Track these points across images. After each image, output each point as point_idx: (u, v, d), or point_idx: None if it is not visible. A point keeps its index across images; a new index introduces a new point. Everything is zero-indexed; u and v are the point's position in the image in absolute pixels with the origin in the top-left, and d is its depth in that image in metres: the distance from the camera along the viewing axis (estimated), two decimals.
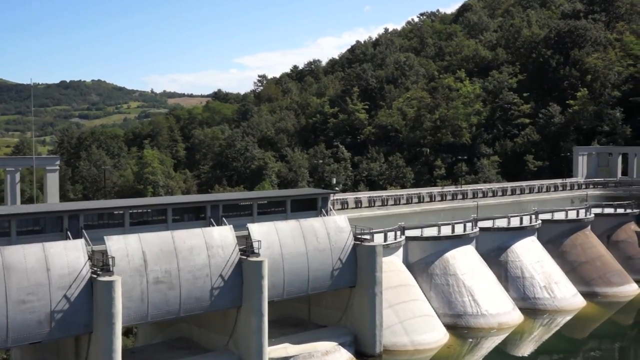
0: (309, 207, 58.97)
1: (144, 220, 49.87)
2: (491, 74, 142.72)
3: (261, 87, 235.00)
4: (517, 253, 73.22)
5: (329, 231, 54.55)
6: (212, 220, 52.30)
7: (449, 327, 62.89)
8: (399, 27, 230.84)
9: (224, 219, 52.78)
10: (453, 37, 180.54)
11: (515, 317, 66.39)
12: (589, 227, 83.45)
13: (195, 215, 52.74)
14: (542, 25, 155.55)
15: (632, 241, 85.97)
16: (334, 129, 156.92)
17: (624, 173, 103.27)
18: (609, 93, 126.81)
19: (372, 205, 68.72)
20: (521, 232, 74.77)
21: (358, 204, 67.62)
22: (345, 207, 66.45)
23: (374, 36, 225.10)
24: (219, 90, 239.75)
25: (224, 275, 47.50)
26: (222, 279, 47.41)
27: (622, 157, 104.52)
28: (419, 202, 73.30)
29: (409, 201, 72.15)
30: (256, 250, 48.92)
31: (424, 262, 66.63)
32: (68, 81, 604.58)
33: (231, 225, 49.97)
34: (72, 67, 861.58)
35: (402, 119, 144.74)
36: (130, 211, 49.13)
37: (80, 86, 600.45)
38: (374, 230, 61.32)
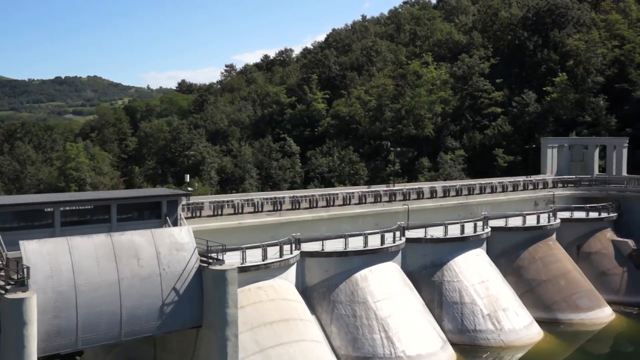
0: (149, 214, 43.05)
1: None
2: (460, 57, 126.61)
3: (229, 78, 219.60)
4: (456, 271, 57.44)
5: (160, 249, 38.73)
6: None
7: None
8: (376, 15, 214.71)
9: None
10: (430, 21, 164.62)
11: (442, 359, 50.50)
12: (554, 236, 67.72)
13: None
14: (522, 7, 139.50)
15: (607, 252, 70.02)
16: (291, 120, 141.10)
17: (603, 169, 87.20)
18: (592, 79, 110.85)
19: (259, 210, 52.78)
20: (462, 243, 58.98)
21: (238, 208, 51.64)
22: (219, 213, 50.58)
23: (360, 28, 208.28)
24: (183, 81, 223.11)
25: None
26: None
27: (600, 151, 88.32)
28: (328, 205, 57.26)
29: (312, 204, 56.15)
30: (27, 281, 33.18)
31: (326, 286, 50.94)
32: (63, 77, 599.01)
33: None
34: (69, 63, 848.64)
35: (362, 109, 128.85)
36: None
37: (76, 82, 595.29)
38: (245, 245, 45.72)
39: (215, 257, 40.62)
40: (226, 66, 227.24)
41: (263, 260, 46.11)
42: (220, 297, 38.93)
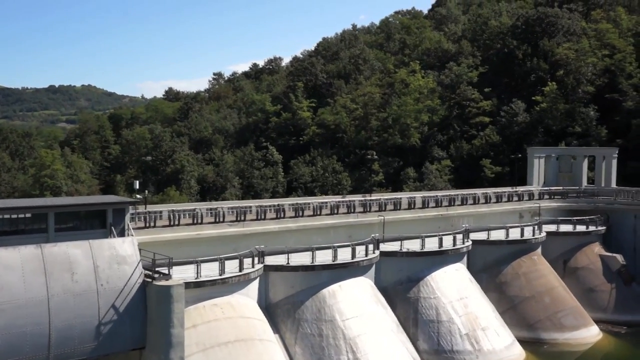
0: (93, 224, 39.35)
1: None
2: (448, 65, 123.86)
3: (217, 86, 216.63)
4: (433, 287, 53.85)
5: (99, 262, 35.18)
6: None
7: None
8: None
9: None
10: (419, 30, 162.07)
11: None
12: (539, 250, 64.20)
13: None
14: (512, 15, 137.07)
15: (595, 268, 66.52)
16: (276, 129, 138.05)
17: (593, 181, 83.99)
18: (582, 89, 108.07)
19: (221, 220, 49.22)
20: (441, 257, 55.41)
21: (197, 218, 48.08)
22: (175, 223, 46.97)
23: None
24: (170, 89, 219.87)
25: None
26: None
27: (588, 162, 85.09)
28: (296, 216, 53.71)
29: (279, 214, 52.60)
30: None
31: (291, 303, 47.25)
32: (57, 86, 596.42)
33: None
34: (63, 72, 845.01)
35: (348, 117, 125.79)
36: None
37: (70, 91, 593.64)
38: (200, 258, 42.10)
39: (162, 271, 37.05)
40: (214, 74, 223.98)
41: (220, 275, 42.47)
42: (165, 315, 35.40)
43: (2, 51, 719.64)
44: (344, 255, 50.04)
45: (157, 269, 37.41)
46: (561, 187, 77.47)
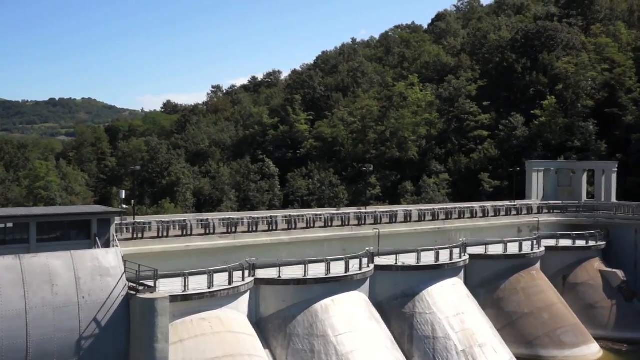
0: (77, 234, 38.05)
1: None
2: (447, 79, 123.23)
3: (215, 99, 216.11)
4: (429, 302, 52.50)
5: (80, 274, 33.92)
6: None
7: None
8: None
9: None
10: (418, 43, 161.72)
11: None
12: (538, 265, 62.92)
13: None
14: (512, 29, 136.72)
15: (595, 284, 65.20)
16: (273, 141, 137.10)
17: (592, 196, 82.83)
18: (581, 103, 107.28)
19: (211, 232, 48.02)
20: (437, 271, 54.11)
21: (187, 230, 46.85)
22: (164, 234, 45.75)
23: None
24: (168, 101, 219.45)
25: None
26: None
27: (588, 176, 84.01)
28: (289, 228, 52.49)
29: (272, 227, 51.40)
30: None
31: (282, 318, 45.91)
32: (57, 99, 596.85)
33: None
34: (63, 85, 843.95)
35: (346, 130, 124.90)
36: None
37: (70, 104, 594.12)
38: (188, 271, 40.83)
39: (147, 284, 35.77)
40: (213, 87, 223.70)
41: (208, 288, 41.17)
42: (149, 330, 34.08)
43: (2, 64, 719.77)
44: (338, 269, 48.80)
45: (142, 281, 36.17)
46: (560, 202, 76.36)
